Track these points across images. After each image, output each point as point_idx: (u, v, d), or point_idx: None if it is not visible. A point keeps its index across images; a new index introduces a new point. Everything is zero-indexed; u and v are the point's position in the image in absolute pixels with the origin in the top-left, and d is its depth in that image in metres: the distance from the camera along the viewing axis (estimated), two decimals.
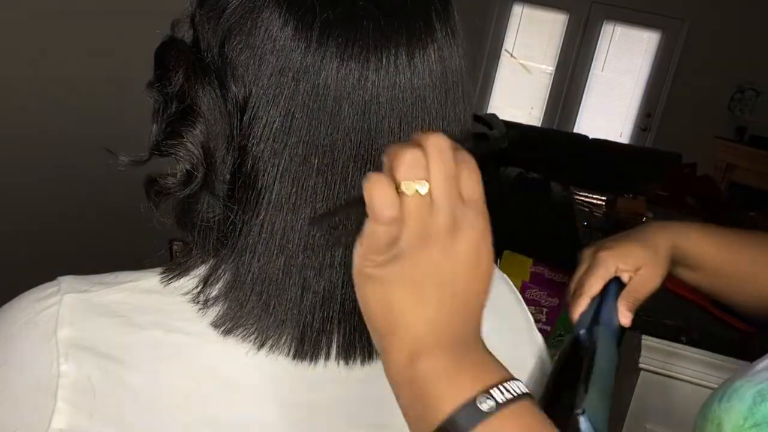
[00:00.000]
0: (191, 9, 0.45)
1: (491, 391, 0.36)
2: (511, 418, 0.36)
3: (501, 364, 0.39)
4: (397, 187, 0.37)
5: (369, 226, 0.38)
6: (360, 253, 0.38)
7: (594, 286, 0.69)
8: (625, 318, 0.67)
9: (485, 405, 0.36)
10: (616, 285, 0.69)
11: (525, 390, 0.37)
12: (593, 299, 0.68)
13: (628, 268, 0.70)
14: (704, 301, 1.49)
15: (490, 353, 0.40)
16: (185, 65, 0.42)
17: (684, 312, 1.41)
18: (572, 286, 0.72)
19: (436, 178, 0.37)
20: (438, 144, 0.37)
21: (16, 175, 1.84)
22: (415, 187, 0.37)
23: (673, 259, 0.74)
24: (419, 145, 0.37)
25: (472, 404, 0.36)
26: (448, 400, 0.36)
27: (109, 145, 0.45)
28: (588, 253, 0.73)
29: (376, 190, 0.37)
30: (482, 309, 0.41)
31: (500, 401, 0.36)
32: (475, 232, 0.39)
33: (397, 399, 0.39)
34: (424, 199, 0.37)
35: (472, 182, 0.39)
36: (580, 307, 0.68)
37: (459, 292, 0.39)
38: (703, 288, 0.79)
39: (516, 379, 0.38)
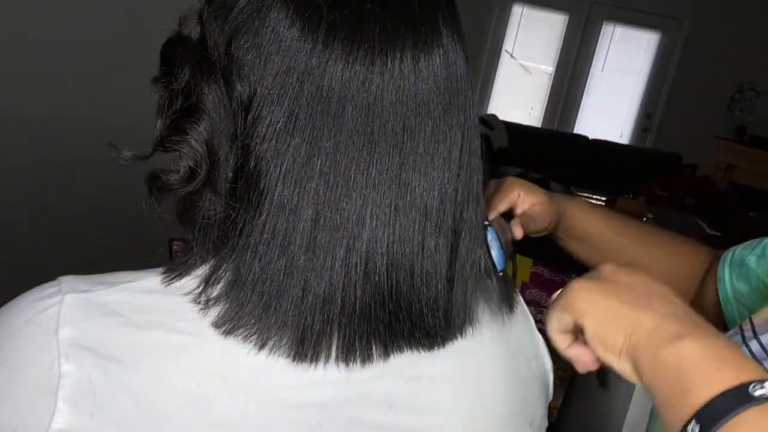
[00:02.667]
0: (199, 6, 0.45)
1: (765, 381, 0.38)
2: None
3: (759, 366, 0.41)
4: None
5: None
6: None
7: (502, 203, 0.80)
8: (518, 230, 0.75)
9: (758, 391, 0.37)
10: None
11: None
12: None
13: (528, 200, 0.81)
14: None
15: (741, 352, 0.42)
16: (192, 62, 0.42)
17: None
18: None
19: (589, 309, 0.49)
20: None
21: (16, 174, 1.84)
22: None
23: (560, 227, 0.85)
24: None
25: (744, 387, 0.38)
26: (716, 381, 0.39)
27: (112, 140, 0.45)
28: (493, 182, 0.84)
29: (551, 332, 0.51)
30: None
31: None
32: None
33: (654, 390, 0.43)
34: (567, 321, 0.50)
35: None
36: (490, 216, 0.77)
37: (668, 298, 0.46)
38: (582, 259, 0.89)
39: None
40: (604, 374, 0.57)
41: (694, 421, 0.38)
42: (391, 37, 0.42)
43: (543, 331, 0.61)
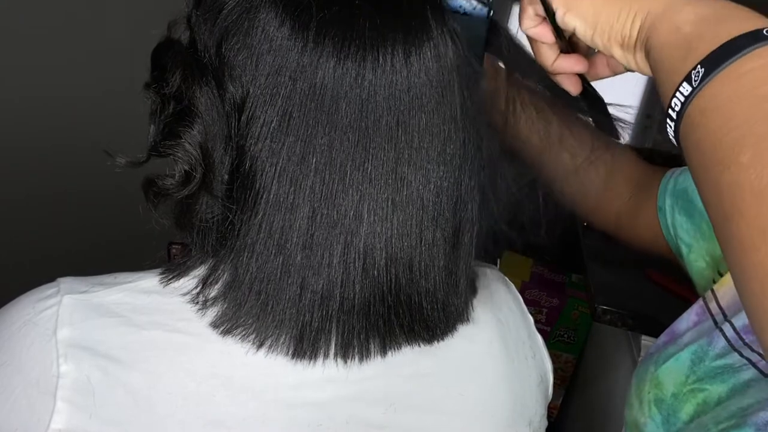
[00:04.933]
0: (188, 10, 0.45)
1: None
2: None
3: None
4: None
5: None
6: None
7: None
8: None
9: None
10: None
11: None
12: None
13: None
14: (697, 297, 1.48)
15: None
16: (182, 66, 0.43)
17: (680, 311, 1.41)
18: None
19: None
20: None
21: (15, 175, 1.84)
22: None
23: None
24: None
25: (756, 32, 0.35)
26: (725, 30, 0.35)
27: (107, 146, 0.45)
28: None
29: None
30: None
31: None
32: None
33: (657, 55, 0.40)
34: None
35: None
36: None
37: None
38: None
39: None
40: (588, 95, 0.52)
41: (699, 66, 0.35)
42: (381, 32, 0.42)
43: (543, 332, 0.61)
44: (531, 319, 0.61)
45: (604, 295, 1.15)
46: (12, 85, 1.84)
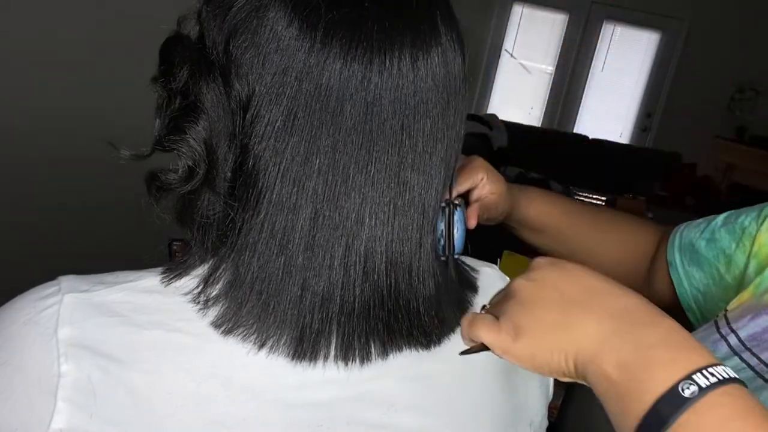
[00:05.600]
0: (198, 5, 0.45)
1: (693, 375, 0.35)
2: (719, 403, 0.35)
3: (696, 345, 0.38)
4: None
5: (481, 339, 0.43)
6: (503, 353, 0.43)
7: (464, 183, 0.77)
8: (473, 219, 0.72)
9: (687, 391, 0.35)
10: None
11: (731, 374, 0.36)
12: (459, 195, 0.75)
13: (488, 187, 0.79)
14: None
15: (679, 334, 0.39)
16: (190, 61, 0.42)
17: (680, 311, 1.41)
18: None
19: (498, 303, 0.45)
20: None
21: (15, 173, 1.84)
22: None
23: (512, 217, 0.85)
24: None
25: (673, 392, 0.35)
26: (645, 393, 0.36)
27: (111, 139, 0.45)
28: (466, 157, 0.81)
29: (469, 327, 0.44)
30: (635, 304, 0.42)
31: (703, 385, 0.35)
32: (540, 270, 0.45)
33: (598, 394, 0.40)
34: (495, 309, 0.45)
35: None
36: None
37: (591, 301, 0.42)
38: (538, 247, 0.88)
39: (719, 364, 0.37)
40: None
41: None
42: (389, 35, 0.42)
43: None
44: None
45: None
46: (11, 83, 1.84)
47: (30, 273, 0.57)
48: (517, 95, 5.44)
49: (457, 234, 0.52)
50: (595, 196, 2.73)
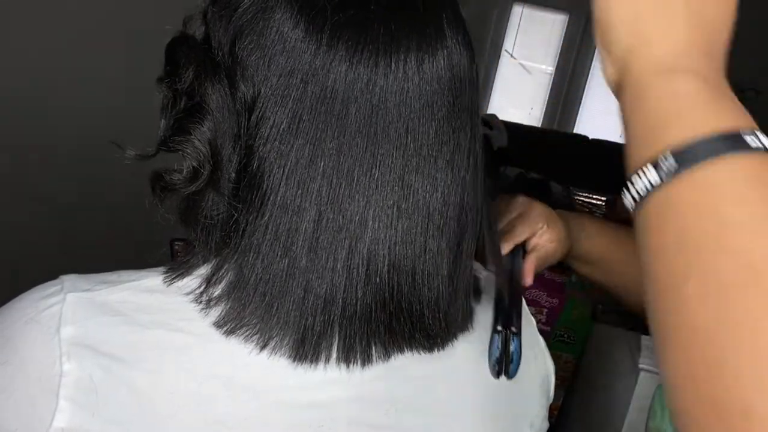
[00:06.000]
0: (204, 5, 0.45)
1: (758, 132, 0.33)
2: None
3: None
4: None
5: None
6: None
7: (523, 233, 0.74)
8: (529, 276, 0.71)
9: (751, 140, 0.32)
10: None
11: None
12: (516, 245, 0.74)
13: (546, 235, 0.75)
14: None
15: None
16: (196, 62, 0.42)
17: None
18: (502, 227, 0.77)
19: None
20: None
21: (17, 173, 1.84)
22: None
23: (571, 254, 0.81)
24: None
25: (736, 134, 0.32)
26: (705, 123, 0.33)
27: (116, 139, 0.45)
28: (522, 201, 0.78)
29: None
30: (728, 41, 0.38)
31: (765, 145, 0.32)
32: None
33: (628, 126, 0.37)
34: None
35: None
36: (505, 250, 0.73)
37: (709, 10, 0.37)
38: (597, 283, 0.84)
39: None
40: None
41: (669, 155, 0.33)
42: (395, 38, 0.42)
43: (543, 332, 0.61)
44: (533, 321, 0.61)
45: (604, 295, 1.15)
46: (12, 82, 1.83)
47: (32, 273, 0.57)
48: (517, 95, 5.44)
49: (513, 363, 0.52)
50: (595, 197, 2.73)
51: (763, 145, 0.32)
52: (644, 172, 0.34)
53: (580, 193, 2.82)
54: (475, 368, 0.52)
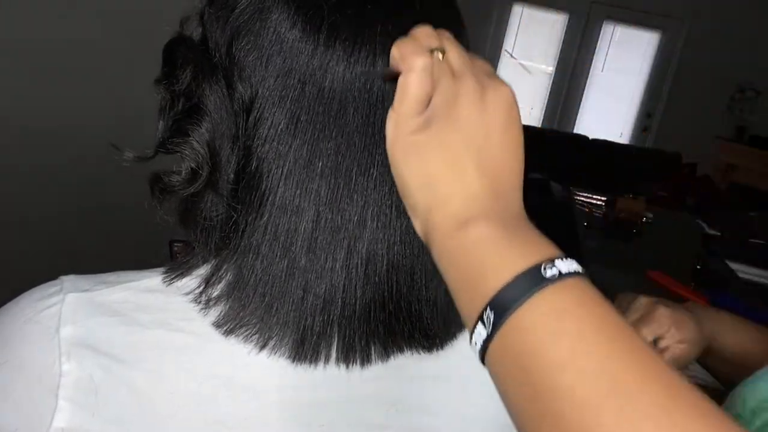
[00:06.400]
0: (201, 6, 0.45)
1: (555, 260, 0.34)
2: (575, 287, 0.34)
3: (551, 242, 0.37)
4: None
5: (402, 83, 0.40)
6: (393, 120, 0.40)
7: (646, 338, 0.70)
8: None
9: (549, 272, 0.34)
10: None
11: (581, 269, 0.36)
12: None
13: (676, 336, 0.72)
14: (704, 302, 1.48)
15: (537, 230, 0.38)
16: (193, 63, 0.42)
17: None
18: None
19: (450, 46, 0.41)
20: (440, 29, 0.42)
21: (17, 174, 1.84)
22: (437, 51, 0.40)
23: (709, 352, 0.76)
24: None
25: (535, 270, 0.34)
26: (505, 267, 0.35)
27: (114, 141, 0.45)
28: (645, 302, 0.75)
29: (407, 45, 0.40)
30: (520, 182, 0.40)
31: (564, 271, 0.34)
32: (501, 94, 0.41)
33: (446, 278, 0.38)
34: (444, 65, 0.40)
35: (482, 60, 0.43)
36: None
37: (495, 159, 0.39)
38: (722, 378, 0.79)
39: (571, 257, 0.36)
40: None
41: (488, 308, 0.34)
42: (392, 37, 0.42)
43: None
44: None
45: (604, 295, 1.15)
46: (13, 84, 1.84)
47: (32, 273, 0.57)
48: (517, 95, 5.43)
49: None
50: (595, 197, 2.73)
51: (559, 271, 0.34)
52: (475, 329, 0.36)
53: (580, 193, 2.82)
54: (475, 368, 0.52)
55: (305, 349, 0.43)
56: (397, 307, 0.45)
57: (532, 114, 5.44)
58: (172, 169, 0.43)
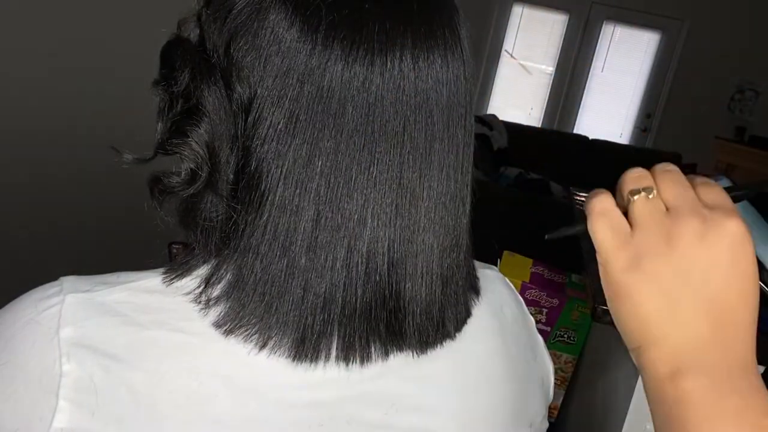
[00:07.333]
0: (198, 8, 0.45)
1: None
2: None
3: None
4: (627, 202, 0.40)
5: (594, 233, 0.40)
6: (601, 263, 0.40)
7: None
8: None
9: None
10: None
11: None
12: None
13: None
14: None
15: (761, 382, 0.37)
16: (191, 64, 0.42)
17: None
18: None
19: (664, 183, 0.40)
20: (663, 165, 0.41)
21: (17, 175, 1.84)
22: (641, 191, 0.40)
23: None
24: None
25: None
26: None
27: (113, 143, 0.45)
28: None
29: (595, 196, 0.41)
30: (749, 329, 0.38)
31: None
32: (726, 234, 0.38)
33: (652, 414, 0.38)
34: (654, 203, 0.40)
35: (713, 191, 0.40)
36: None
37: (716, 299, 0.37)
38: None
39: None
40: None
41: None
42: (390, 36, 0.42)
43: (543, 332, 0.61)
44: (532, 320, 0.61)
45: (604, 295, 1.15)
46: (13, 86, 1.84)
47: (32, 274, 0.57)
48: (517, 95, 5.44)
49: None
50: None
51: None
52: None
53: (580, 193, 2.82)
54: (474, 368, 0.52)
55: (305, 348, 0.43)
56: (396, 306, 0.45)
57: (532, 114, 5.44)
58: (172, 170, 0.43)
